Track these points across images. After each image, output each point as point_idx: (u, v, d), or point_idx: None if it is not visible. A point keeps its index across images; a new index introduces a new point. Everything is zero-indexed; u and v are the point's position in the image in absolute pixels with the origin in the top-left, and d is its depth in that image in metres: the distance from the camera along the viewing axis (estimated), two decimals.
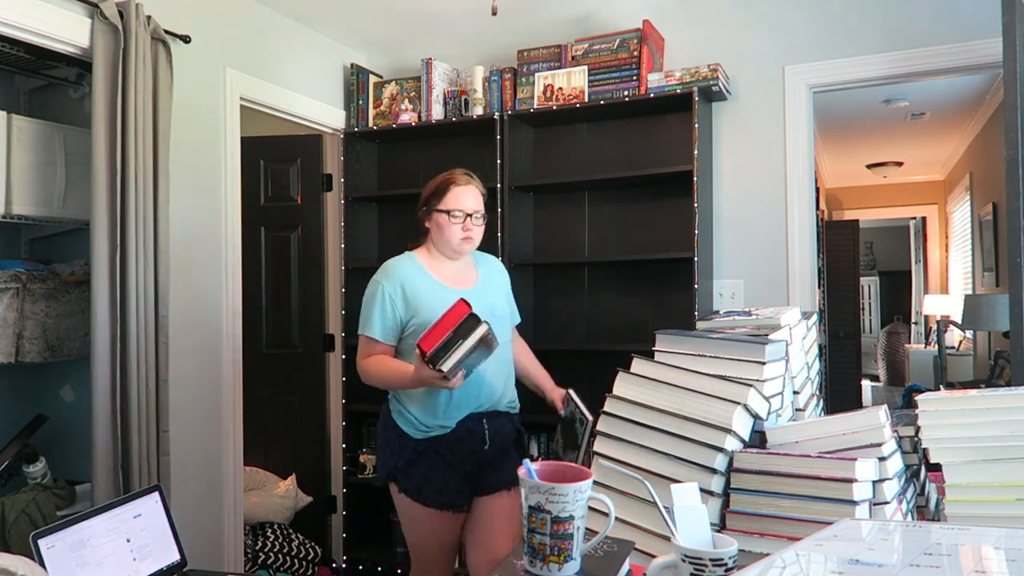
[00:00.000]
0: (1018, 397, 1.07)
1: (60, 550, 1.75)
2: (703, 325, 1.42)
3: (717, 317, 1.43)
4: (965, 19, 2.79)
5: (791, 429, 1.13)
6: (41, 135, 2.64)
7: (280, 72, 3.27)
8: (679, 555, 0.83)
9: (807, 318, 1.45)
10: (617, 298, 3.29)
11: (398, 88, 3.56)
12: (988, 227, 5.38)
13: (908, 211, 8.69)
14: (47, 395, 2.93)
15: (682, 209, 3.06)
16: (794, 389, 1.33)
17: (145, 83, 2.47)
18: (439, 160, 3.64)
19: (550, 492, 0.89)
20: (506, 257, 3.23)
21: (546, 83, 3.20)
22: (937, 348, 5.91)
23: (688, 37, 3.22)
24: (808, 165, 3.05)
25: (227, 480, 2.95)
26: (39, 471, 2.64)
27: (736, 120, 3.13)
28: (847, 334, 6.89)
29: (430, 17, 3.36)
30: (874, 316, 10.49)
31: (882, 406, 1.13)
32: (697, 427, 1.08)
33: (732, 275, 3.13)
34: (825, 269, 6.46)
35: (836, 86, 3.04)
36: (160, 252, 2.52)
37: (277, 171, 3.78)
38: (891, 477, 1.04)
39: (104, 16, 2.39)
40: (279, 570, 3.20)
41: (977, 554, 0.71)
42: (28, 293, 2.61)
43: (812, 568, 0.70)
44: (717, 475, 1.05)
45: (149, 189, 2.49)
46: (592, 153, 3.33)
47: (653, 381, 1.16)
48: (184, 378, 2.76)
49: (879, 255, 10.60)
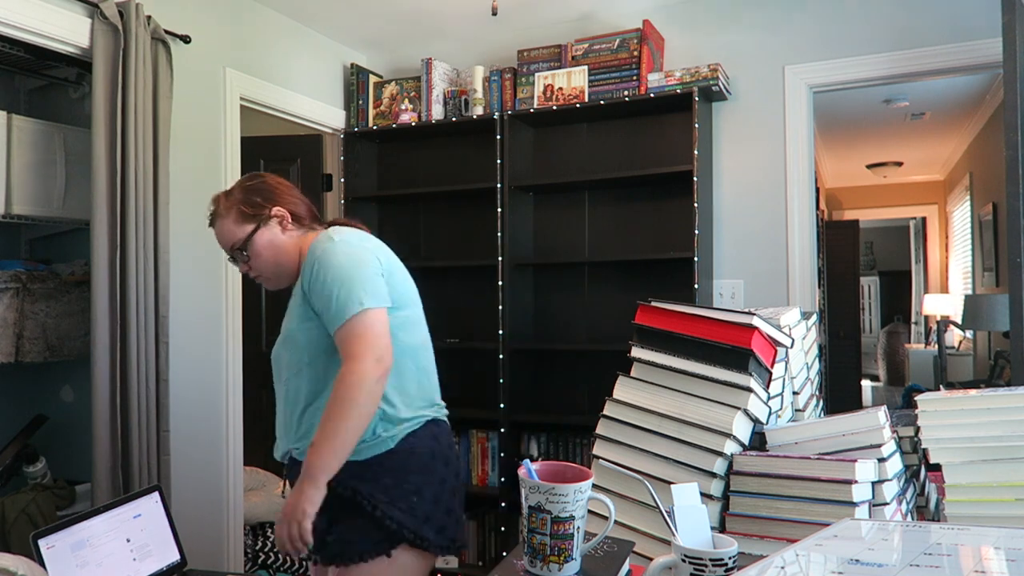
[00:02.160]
0: (1018, 397, 1.07)
1: (60, 550, 1.75)
2: None
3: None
4: (965, 19, 2.79)
5: (790, 430, 1.13)
6: (41, 135, 2.64)
7: (280, 72, 3.27)
8: (679, 555, 0.83)
9: (807, 318, 1.45)
10: (617, 298, 3.29)
11: (398, 88, 3.56)
12: (988, 227, 5.38)
13: (908, 211, 8.69)
14: (47, 395, 2.93)
15: (682, 209, 3.06)
16: (794, 390, 1.33)
17: (145, 83, 2.47)
18: (439, 160, 3.64)
19: (550, 492, 0.90)
20: (506, 257, 3.23)
21: (546, 83, 3.20)
22: (937, 348, 5.91)
23: (688, 37, 3.22)
24: (808, 165, 3.05)
25: (227, 480, 2.95)
26: (39, 471, 2.64)
27: (736, 120, 3.13)
28: (847, 334, 6.89)
29: (430, 17, 3.36)
30: (874, 316, 10.49)
31: (882, 407, 1.13)
32: (697, 431, 1.08)
33: (732, 275, 3.13)
34: (825, 269, 6.46)
35: (836, 86, 3.04)
36: (160, 252, 2.52)
37: (277, 171, 3.73)
38: (891, 478, 1.04)
39: (104, 16, 2.39)
40: (279, 570, 3.21)
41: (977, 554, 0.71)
42: (28, 293, 2.61)
43: (812, 568, 0.70)
44: (717, 479, 1.05)
45: (149, 189, 2.49)
46: (592, 153, 3.33)
47: (653, 385, 1.16)
48: (184, 378, 2.76)
49: (879, 255, 10.60)
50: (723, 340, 1.12)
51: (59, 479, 2.66)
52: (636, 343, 1.20)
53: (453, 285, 3.61)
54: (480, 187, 3.31)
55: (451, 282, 3.62)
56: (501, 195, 3.24)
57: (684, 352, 1.15)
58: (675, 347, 1.16)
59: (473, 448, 3.38)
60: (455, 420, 3.43)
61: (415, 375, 1.63)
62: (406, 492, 1.54)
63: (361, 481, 1.53)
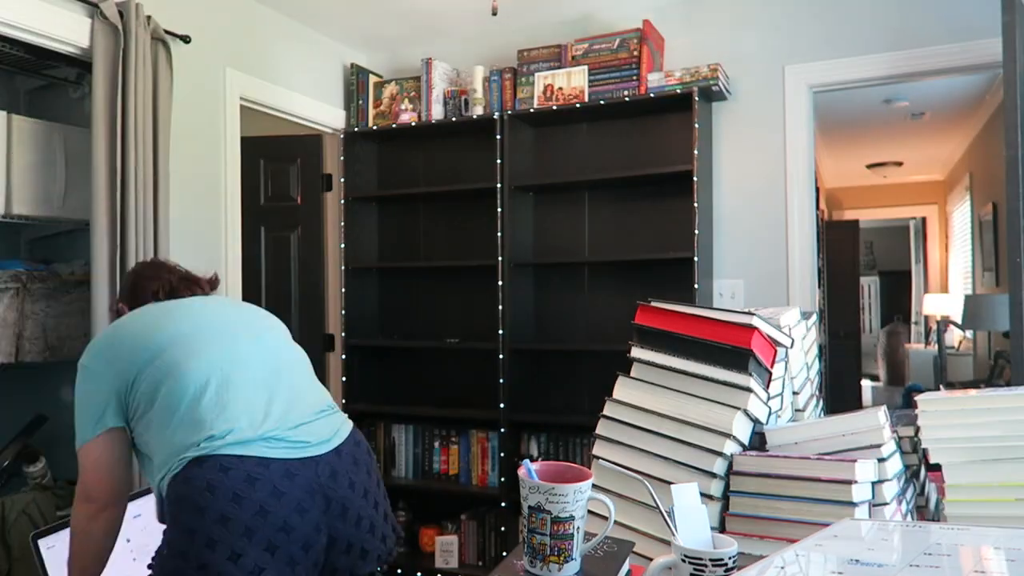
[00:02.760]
0: (1018, 397, 1.07)
1: (60, 550, 1.75)
2: None
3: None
4: (965, 19, 2.79)
5: (790, 430, 1.13)
6: (41, 135, 2.64)
7: (280, 72, 3.27)
8: (679, 555, 0.83)
9: (807, 318, 1.45)
10: (617, 298, 3.29)
11: (398, 88, 3.56)
12: (988, 227, 5.38)
13: (908, 211, 8.69)
14: (47, 395, 2.93)
15: (682, 209, 3.06)
16: (794, 390, 1.33)
17: (145, 83, 2.48)
18: (439, 160, 3.65)
19: (550, 492, 0.90)
20: (506, 257, 3.23)
21: (546, 83, 3.20)
22: (937, 348, 5.91)
23: (688, 37, 3.22)
24: (808, 165, 3.06)
25: None
26: (39, 471, 2.64)
27: (736, 120, 3.13)
28: (847, 334, 6.89)
29: (430, 17, 3.37)
30: (874, 316, 10.49)
31: (882, 407, 1.13)
32: (697, 431, 1.08)
33: (732, 275, 3.13)
34: (825, 269, 6.46)
35: (836, 86, 3.04)
36: (160, 252, 2.52)
37: (277, 171, 3.78)
38: (890, 478, 1.04)
39: (104, 16, 2.39)
40: None
41: (977, 554, 0.71)
42: (28, 293, 2.61)
43: (812, 568, 0.70)
44: (716, 479, 1.05)
45: (149, 189, 2.49)
46: (592, 153, 3.33)
47: (653, 385, 1.16)
48: None
49: (879, 255, 10.59)
50: (723, 340, 1.12)
51: (59, 479, 2.66)
52: (636, 343, 1.20)
53: (453, 285, 3.61)
54: (480, 187, 3.31)
55: (451, 282, 3.62)
56: (501, 195, 3.24)
57: (684, 352, 1.15)
58: (675, 347, 1.16)
59: (473, 448, 3.38)
60: (456, 420, 3.45)
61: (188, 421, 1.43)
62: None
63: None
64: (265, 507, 1.34)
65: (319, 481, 1.43)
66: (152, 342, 1.50)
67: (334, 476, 1.45)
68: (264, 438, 1.41)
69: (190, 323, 1.55)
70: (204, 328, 1.54)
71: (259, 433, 1.41)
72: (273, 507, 1.35)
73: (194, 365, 1.46)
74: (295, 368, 1.62)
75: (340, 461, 1.48)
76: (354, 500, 1.47)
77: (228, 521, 1.32)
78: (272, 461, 1.39)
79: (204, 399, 1.43)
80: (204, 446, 1.38)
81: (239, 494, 1.34)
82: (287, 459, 1.40)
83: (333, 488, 1.44)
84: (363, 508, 1.49)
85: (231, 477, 1.34)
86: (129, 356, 1.49)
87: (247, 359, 1.52)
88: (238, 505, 1.33)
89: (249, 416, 1.43)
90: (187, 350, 1.48)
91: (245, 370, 1.50)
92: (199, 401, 1.42)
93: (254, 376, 1.50)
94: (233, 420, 1.41)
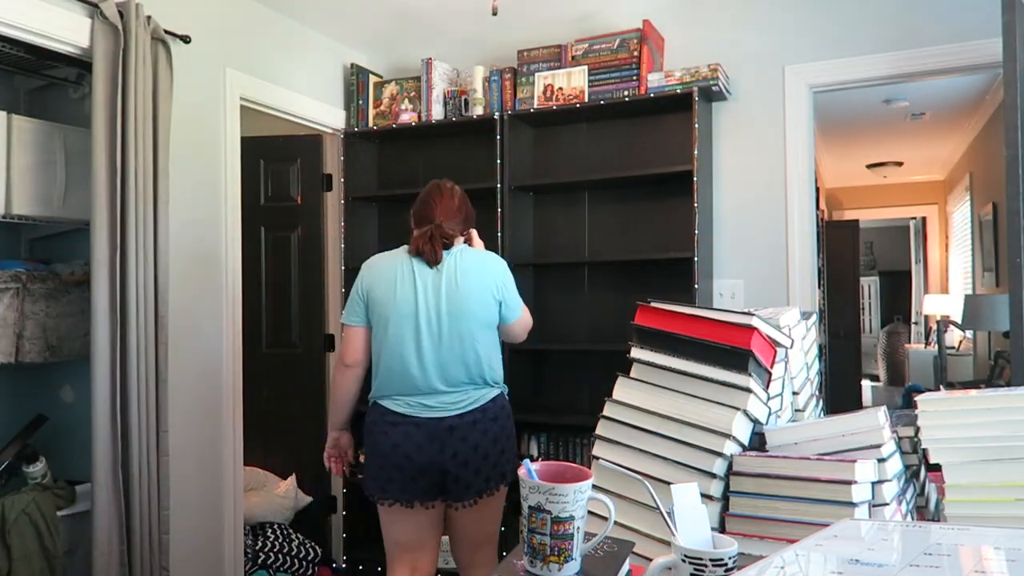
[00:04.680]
0: (1018, 397, 1.07)
1: None
2: None
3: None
4: (965, 19, 2.79)
5: (790, 430, 1.13)
6: (41, 135, 2.64)
7: (280, 72, 3.27)
8: (679, 555, 0.83)
9: (807, 318, 1.45)
10: (617, 298, 3.29)
11: (398, 88, 3.56)
12: (988, 227, 5.38)
13: (908, 211, 8.69)
14: (47, 395, 2.93)
15: (682, 209, 3.06)
16: (793, 390, 1.33)
17: (145, 83, 2.47)
18: (439, 160, 3.64)
19: (550, 492, 0.90)
20: (506, 257, 3.23)
21: (546, 83, 3.20)
22: (937, 348, 5.91)
23: (688, 37, 3.22)
24: (808, 165, 3.05)
25: (227, 480, 2.95)
26: (39, 471, 2.64)
27: (736, 120, 3.13)
28: (847, 334, 6.89)
29: (430, 17, 3.36)
30: (874, 316, 10.49)
31: (881, 407, 1.13)
32: (697, 432, 1.08)
33: (732, 275, 3.13)
34: (825, 269, 6.46)
35: (836, 86, 3.04)
36: (160, 252, 2.52)
37: (277, 171, 3.78)
38: (890, 478, 1.04)
39: (104, 16, 2.39)
40: (279, 570, 3.20)
41: (977, 554, 0.71)
42: (28, 293, 2.61)
43: (812, 568, 0.70)
44: (716, 479, 1.05)
45: (149, 189, 2.49)
46: (592, 153, 3.33)
47: (653, 386, 1.16)
48: (184, 378, 2.76)
49: (879, 255, 10.60)
50: (722, 341, 1.12)
51: (59, 479, 2.66)
52: (636, 343, 1.20)
53: None
54: (480, 187, 3.31)
55: None
56: (501, 195, 3.24)
57: (684, 353, 1.15)
58: (675, 348, 1.16)
59: None
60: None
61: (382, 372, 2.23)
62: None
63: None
64: (397, 443, 2.14)
65: (437, 433, 2.14)
66: (394, 299, 2.30)
67: (451, 431, 2.14)
68: (407, 402, 2.18)
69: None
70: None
71: (405, 399, 2.19)
72: (403, 444, 2.14)
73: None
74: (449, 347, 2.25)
75: (461, 422, 2.15)
76: (462, 449, 2.14)
77: (377, 446, 2.17)
78: (407, 416, 2.16)
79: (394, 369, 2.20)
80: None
81: (386, 432, 2.17)
82: (416, 416, 2.15)
83: (449, 439, 2.14)
84: (470, 456, 2.14)
85: (384, 421, 2.18)
86: (377, 302, 2.33)
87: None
88: (385, 438, 2.16)
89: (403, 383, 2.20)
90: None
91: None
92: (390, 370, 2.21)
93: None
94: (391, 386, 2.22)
